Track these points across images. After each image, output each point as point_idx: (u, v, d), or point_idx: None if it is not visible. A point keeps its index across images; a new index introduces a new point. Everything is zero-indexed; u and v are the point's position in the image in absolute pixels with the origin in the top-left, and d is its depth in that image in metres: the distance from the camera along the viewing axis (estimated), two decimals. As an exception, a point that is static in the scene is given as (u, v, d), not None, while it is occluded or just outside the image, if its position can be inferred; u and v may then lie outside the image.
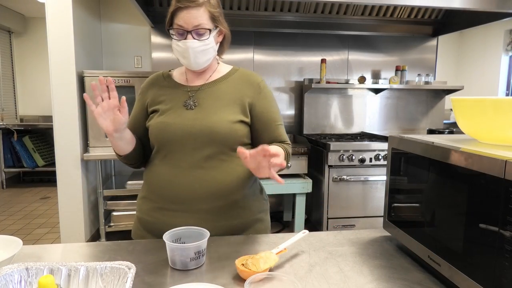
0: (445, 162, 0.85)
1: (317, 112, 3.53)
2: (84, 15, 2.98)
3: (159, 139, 1.19)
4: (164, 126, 1.18)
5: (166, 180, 1.18)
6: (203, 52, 1.17)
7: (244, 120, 1.21)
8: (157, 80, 1.30)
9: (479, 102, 0.87)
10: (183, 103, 1.21)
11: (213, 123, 1.16)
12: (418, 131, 3.68)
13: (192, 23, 1.12)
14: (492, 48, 4.07)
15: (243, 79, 1.27)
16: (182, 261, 0.94)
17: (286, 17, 3.34)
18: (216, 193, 1.17)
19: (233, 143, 1.18)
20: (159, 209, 1.20)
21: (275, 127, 1.26)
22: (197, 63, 1.18)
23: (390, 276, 0.93)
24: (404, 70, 3.43)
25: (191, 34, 1.13)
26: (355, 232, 1.23)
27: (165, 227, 1.17)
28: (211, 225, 1.17)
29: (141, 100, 1.29)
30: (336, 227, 2.93)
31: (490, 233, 0.71)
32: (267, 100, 1.27)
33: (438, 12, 3.42)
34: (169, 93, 1.25)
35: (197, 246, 0.94)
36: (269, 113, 1.26)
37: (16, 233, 3.56)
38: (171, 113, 1.20)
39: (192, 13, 1.11)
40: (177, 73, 1.31)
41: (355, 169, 2.91)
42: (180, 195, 1.17)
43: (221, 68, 1.30)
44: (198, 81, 1.26)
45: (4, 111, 5.46)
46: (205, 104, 1.20)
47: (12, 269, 0.78)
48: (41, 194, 4.96)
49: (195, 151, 1.16)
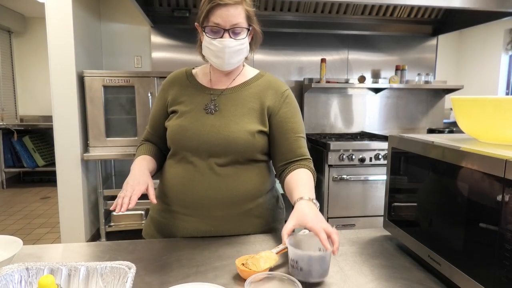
0: (445, 162, 0.85)
1: (317, 112, 3.53)
2: (84, 15, 2.98)
3: (176, 142, 1.18)
4: (181, 130, 1.16)
5: (180, 184, 1.16)
6: (238, 52, 1.13)
7: (263, 130, 1.17)
8: (179, 78, 1.26)
9: (479, 101, 0.87)
10: (204, 106, 1.17)
11: (231, 133, 1.13)
12: (418, 131, 3.68)
13: (230, 22, 1.08)
14: (492, 47, 4.07)
15: (267, 86, 1.21)
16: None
17: (286, 17, 3.34)
18: (230, 201, 1.15)
19: (250, 153, 1.16)
20: (171, 211, 1.19)
21: (294, 138, 1.18)
22: (230, 63, 1.14)
23: (390, 276, 0.93)
24: (404, 69, 3.42)
25: (228, 33, 1.09)
26: (355, 232, 1.23)
27: (176, 229, 1.18)
28: (222, 231, 1.17)
29: (162, 98, 1.26)
30: (336, 226, 2.92)
31: (490, 233, 0.71)
32: (290, 110, 1.20)
33: (438, 11, 3.42)
34: (190, 94, 1.21)
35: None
36: (290, 123, 1.19)
37: (16, 233, 3.56)
38: (190, 116, 1.17)
39: (231, 11, 1.07)
40: (200, 73, 1.26)
41: (355, 168, 2.91)
42: (193, 200, 1.15)
43: (246, 71, 1.25)
44: (222, 83, 1.21)
45: (4, 111, 5.46)
46: (226, 110, 1.16)
47: (12, 269, 0.78)
48: (41, 194, 4.96)
49: (211, 158, 1.14)
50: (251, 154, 1.16)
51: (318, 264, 0.86)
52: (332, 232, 0.90)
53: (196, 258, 1.01)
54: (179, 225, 1.17)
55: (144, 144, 1.29)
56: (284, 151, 1.19)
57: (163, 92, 1.26)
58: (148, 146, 1.27)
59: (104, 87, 2.88)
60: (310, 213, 0.97)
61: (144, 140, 1.32)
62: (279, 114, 1.18)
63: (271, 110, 1.18)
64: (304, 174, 1.14)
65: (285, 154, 1.19)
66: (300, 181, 1.11)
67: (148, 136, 1.30)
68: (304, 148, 1.21)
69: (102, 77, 2.87)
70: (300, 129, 1.21)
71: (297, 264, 0.86)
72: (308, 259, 0.86)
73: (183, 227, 1.17)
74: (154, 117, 1.27)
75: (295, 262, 0.87)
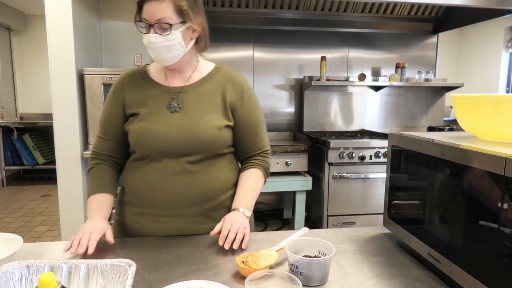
0: (445, 159, 0.85)
1: (317, 110, 3.53)
2: (84, 12, 2.97)
3: (142, 145, 1.15)
4: (148, 133, 1.13)
5: (151, 186, 1.15)
6: (167, 48, 1.09)
7: (229, 125, 1.19)
8: (133, 78, 1.22)
9: (479, 99, 0.87)
10: (166, 105, 1.16)
11: (200, 131, 1.13)
12: (418, 129, 3.67)
13: (154, 17, 1.06)
14: (492, 45, 4.07)
15: (226, 80, 1.22)
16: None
17: (286, 15, 3.33)
18: (204, 196, 1.17)
19: (219, 148, 1.18)
20: (144, 214, 1.18)
21: (256, 133, 1.25)
22: (162, 59, 1.12)
23: (390, 273, 0.93)
24: (404, 67, 3.42)
25: (154, 28, 1.07)
26: (355, 230, 1.23)
27: (151, 232, 1.17)
28: (199, 227, 1.18)
29: (117, 101, 1.20)
30: (336, 224, 2.93)
31: (490, 230, 0.71)
32: (251, 104, 1.24)
33: (438, 9, 3.41)
34: (149, 93, 1.18)
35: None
36: (252, 117, 1.23)
37: (16, 230, 3.56)
38: (154, 118, 1.14)
39: (154, 6, 1.05)
40: (154, 70, 1.24)
41: (355, 166, 2.91)
42: (168, 201, 1.15)
43: (202, 66, 1.24)
44: (179, 80, 1.20)
45: (4, 109, 5.45)
46: (190, 108, 1.16)
47: (13, 267, 0.78)
48: (41, 192, 4.96)
49: (181, 157, 1.14)
50: (220, 148, 1.19)
51: (318, 269, 0.86)
52: (232, 230, 1.05)
53: (196, 256, 1.01)
54: (154, 227, 1.16)
55: (97, 168, 1.22)
56: (247, 145, 1.25)
57: (117, 95, 1.21)
58: (101, 173, 1.21)
59: (104, 85, 2.88)
60: (233, 216, 1.11)
61: (96, 154, 1.25)
62: (242, 111, 1.22)
63: (233, 105, 1.21)
64: (250, 179, 1.24)
65: (247, 148, 1.26)
66: (242, 188, 1.22)
67: (102, 145, 1.24)
68: (264, 140, 1.28)
69: (102, 75, 2.87)
70: (261, 121, 1.27)
71: (297, 269, 0.86)
72: (308, 264, 0.86)
73: (159, 228, 1.16)
74: (109, 122, 1.22)
75: (295, 267, 0.87)
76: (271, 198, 3.59)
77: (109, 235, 1.06)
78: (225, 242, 1.04)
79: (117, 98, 1.21)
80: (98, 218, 1.11)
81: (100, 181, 1.20)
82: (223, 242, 1.04)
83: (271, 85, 3.47)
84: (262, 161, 1.28)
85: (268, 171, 1.30)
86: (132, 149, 1.21)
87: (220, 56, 3.35)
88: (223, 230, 1.06)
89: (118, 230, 1.23)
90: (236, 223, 1.09)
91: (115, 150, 1.23)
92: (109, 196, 1.19)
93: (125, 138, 1.20)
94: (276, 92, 3.48)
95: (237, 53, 3.40)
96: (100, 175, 1.21)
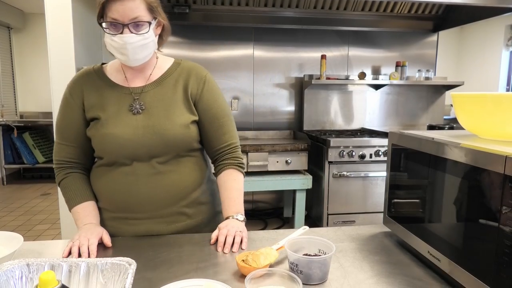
0: (445, 158, 0.85)
1: (317, 108, 3.52)
2: (84, 10, 2.97)
3: (108, 151, 1.11)
4: (113, 138, 1.09)
5: (123, 190, 1.12)
6: (143, 46, 1.06)
7: (195, 119, 1.17)
8: (89, 79, 1.16)
9: (480, 97, 0.87)
10: (128, 107, 1.11)
11: (166, 130, 1.10)
12: (418, 127, 3.67)
13: (128, 16, 1.01)
14: (493, 43, 4.06)
15: (187, 74, 1.19)
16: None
17: (286, 13, 3.33)
18: (178, 195, 1.16)
19: (188, 145, 1.16)
20: (119, 219, 1.16)
21: (220, 124, 1.20)
22: (136, 59, 1.08)
23: (390, 272, 0.93)
24: (404, 65, 3.41)
25: (128, 28, 1.02)
26: (355, 228, 1.23)
27: (128, 235, 1.16)
28: (176, 226, 1.17)
29: (75, 104, 1.13)
30: (336, 223, 2.93)
31: (490, 229, 0.71)
32: (212, 94, 1.19)
33: (438, 7, 3.41)
34: (108, 95, 1.13)
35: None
36: (214, 108, 1.19)
37: (17, 229, 3.56)
38: (118, 121, 1.10)
39: (127, 5, 0.99)
40: (111, 70, 1.18)
41: (355, 165, 2.91)
42: (142, 204, 1.13)
43: (161, 63, 1.20)
44: (139, 80, 1.16)
45: (4, 107, 5.45)
46: (153, 108, 1.12)
47: (13, 265, 0.78)
48: (41, 190, 4.97)
49: (150, 159, 1.12)
50: (189, 145, 1.17)
51: (318, 268, 0.86)
52: (229, 235, 1.06)
53: (196, 254, 1.02)
54: (130, 230, 1.15)
55: (69, 179, 1.16)
56: (212, 138, 1.21)
57: (75, 97, 1.14)
58: (76, 182, 1.16)
59: (104, 84, 2.87)
60: (228, 224, 1.12)
61: (60, 163, 1.17)
62: (202, 101, 1.18)
63: (194, 97, 1.18)
64: (229, 182, 1.21)
65: (213, 141, 1.21)
66: (226, 194, 1.20)
67: (64, 152, 1.16)
68: (230, 132, 1.22)
69: (102, 74, 2.86)
70: (224, 112, 1.21)
71: (297, 268, 0.86)
72: (308, 262, 0.86)
73: (135, 231, 1.15)
74: (69, 127, 1.14)
75: (295, 266, 0.87)
76: (271, 197, 3.59)
77: (106, 238, 1.06)
78: (224, 247, 1.04)
79: (75, 100, 1.14)
80: (90, 224, 1.10)
81: (77, 190, 1.16)
82: (221, 249, 1.04)
83: (271, 83, 3.47)
84: (233, 157, 1.23)
85: (242, 165, 1.24)
86: (97, 155, 1.16)
87: (220, 54, 3.35)
88: (220, 237, 1.06)
89: None
90: (232, 228, 1.09)
91: (79, 155, 1.17)
92: (92, 203, 1.17)
93: (88, 143, 1.15)
94: (276, 91, 3.48)
95: (237, 52, 3.39)
96: (74, 186, 1.16)
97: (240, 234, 1.08)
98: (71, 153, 1.16)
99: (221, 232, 1.08)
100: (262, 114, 3.47)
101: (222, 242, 1.05)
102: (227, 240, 1.05)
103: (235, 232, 1.08)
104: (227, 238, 1.06)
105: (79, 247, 0.99)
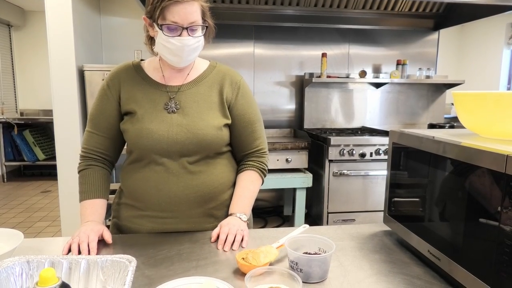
0: (446, 157, 0.85)
1: (318, 107, 3.52)
2: (84, 8, 2.96)
3: (142, 146, 1.12)
4: (147, 134, 1.11)
5: (153, 187, 1.13)
6: (196, 49, 1.11)
7: (227, 123, 1.19)
8: (128, 73, 1.18)
9: (480, 96, 0.87)
10: (164, 105, 1.14)
11: (200, 130, 1.12)
12: (418, 126, 3.67)
13: (188, 19, 1.04)
14: (494, 41, 4.05)
15: (222, 77, 1.21)
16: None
17: (286, 11, 3.32)
18: (206, 196, 1.17)
19: (219, 147, 1.18)
20: (143, 217, 1.17)
21: (252, 129, 1.23)
22: (188, 60, 1.12)
23: (390, 271, 0.93)
24: (405, 64, 3.41)
25: (187, 31, 1.06)
26: (355, 227, 1.23)
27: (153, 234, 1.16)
28: (202, 227, 1.18)
29: (112, 96, 1.16)
30: (336, 221, 2.94)
31: (490, 228, 0.71)
32: (246, 100, 1.22)
33: (439, 5, 3.40)
34: (145, 91, 1.15)
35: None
36: (248, 114, 1.22)
37: (17, 226, 3.57)
38: (153, 117, 1.12)
39: (188, 9, 1.03)
40: (149, 67, 1.20)
41: (356, 163, 2.90)
42: (171, 202, 1.14)
43: (198, 64, 1.23)
44: (177, 79, 1.18)
45: (4, 105, 5.45)
46: (188, 107, 1.14)
47: (13, 262, 0.78)
48: (41, 188, 4.97)
49: (182, 158, 1.13)
50: (220, 147, 1.18)
51: (318, 266, 0.86)
52: (230, 234, 1.06)
53: (197, 252, 1.02)
54: (156, 229, 1.16)
55: (89, 171, 1.17)
56: (243, 143, 1.24)
57: (112, 89, 1.16)
58: (94, 176, 1.17)
59: (104, 81, 2.88)
60: (230, 221, 1.12)
61: (87, 152, 1.18)
62: (237, 107, 1.21)
63: (229, 101, 1.20)
64: (246, 182, 1.23)
65: (244, 145, 1.24)
66: (238, 192, 1.22)
67: (94, 141, 1.18)
68: (260, 138, 1.26)
69: (102, 71, 2.86)
70: (257, 118, 1.25)
71: (297, 266, 0.87)
72: (308, 261, 0.86)
73: (162, 230, 1.16)
74: (103, 117, 1.16)
75: (295, 264, 0.87)
76: (271, 195, 3.60)
77: (106, 235, 1.06)
78: (224, 245, 1.04)
79: (112, 92, 1.16)
80: (92, 222, 1.10)
81: (93, 185, 1.16)
82: (222, 247, 1.04)
83: (272, 81, 3.46)
84: (258, 162, 1.26)
85: (265, 171, 1.28)
86: (129, 150, 1.18)
87: (221, 52, 3.34)
88: (221, 235, 1.07)
89: (115, 232, 1.22)
90: (233, 227, 1.09)
91: (108, 147, 1.19)
92: (103, 201, 1.17)
93: (118, 136, 1.18)
94: (277, 89, 3.48)
95: (237, 50, 3.39)
96: (92, 179, 1.17)
97: (241, 233, 1.08)
98: (100, 143, 1.18)
99: (222, 230, 1.09)
100: (263, 112, 3.43)
101: (223, 240, 1.06)
102: (227, 239, 1.05)
103: (236, 231, 1.08)
104: (228, 236, 1.06)
105: (79, 244, 1.00)
